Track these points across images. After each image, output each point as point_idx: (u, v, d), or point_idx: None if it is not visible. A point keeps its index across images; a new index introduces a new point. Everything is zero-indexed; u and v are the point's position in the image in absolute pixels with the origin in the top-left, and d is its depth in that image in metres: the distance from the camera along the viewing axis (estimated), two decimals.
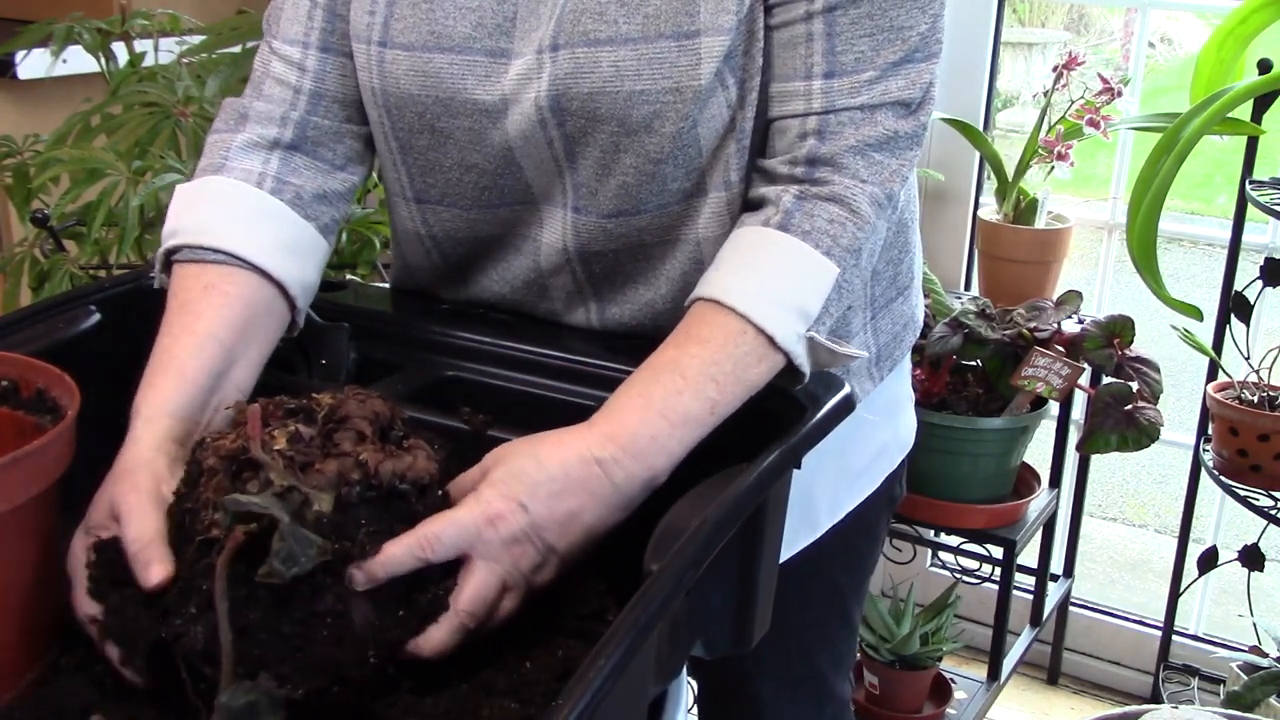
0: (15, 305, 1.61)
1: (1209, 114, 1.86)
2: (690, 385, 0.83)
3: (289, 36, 1.00)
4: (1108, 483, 3.48)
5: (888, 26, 0.91)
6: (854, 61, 0.91)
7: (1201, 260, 4.97)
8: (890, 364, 1.14)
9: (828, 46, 0.91)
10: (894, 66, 0.92)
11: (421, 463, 0.76)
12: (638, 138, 0.93)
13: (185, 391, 0.85)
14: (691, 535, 0.71)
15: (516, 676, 0.76)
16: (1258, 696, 1.90)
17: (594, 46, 0.91)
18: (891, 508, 1.25)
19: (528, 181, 0.99)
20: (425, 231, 1.06)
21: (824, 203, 0.91)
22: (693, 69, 0.91)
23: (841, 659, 1.28)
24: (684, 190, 0.97)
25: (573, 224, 0.99)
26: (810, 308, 0.88)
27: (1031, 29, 6.36)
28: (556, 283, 1.03)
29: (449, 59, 0.95)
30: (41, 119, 2.05)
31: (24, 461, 0.70)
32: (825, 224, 0.90)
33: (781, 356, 0.87)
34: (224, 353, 0.89)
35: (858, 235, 0.91)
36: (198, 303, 0.90)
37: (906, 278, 1.14)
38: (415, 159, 1.01)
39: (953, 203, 2.40)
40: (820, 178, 0.92)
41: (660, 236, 0.99)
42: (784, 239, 0.90)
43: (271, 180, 0.97)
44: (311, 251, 0.98)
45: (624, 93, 0.91)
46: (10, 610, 0.73)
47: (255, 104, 1.00)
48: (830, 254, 0.90)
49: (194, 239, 0.93)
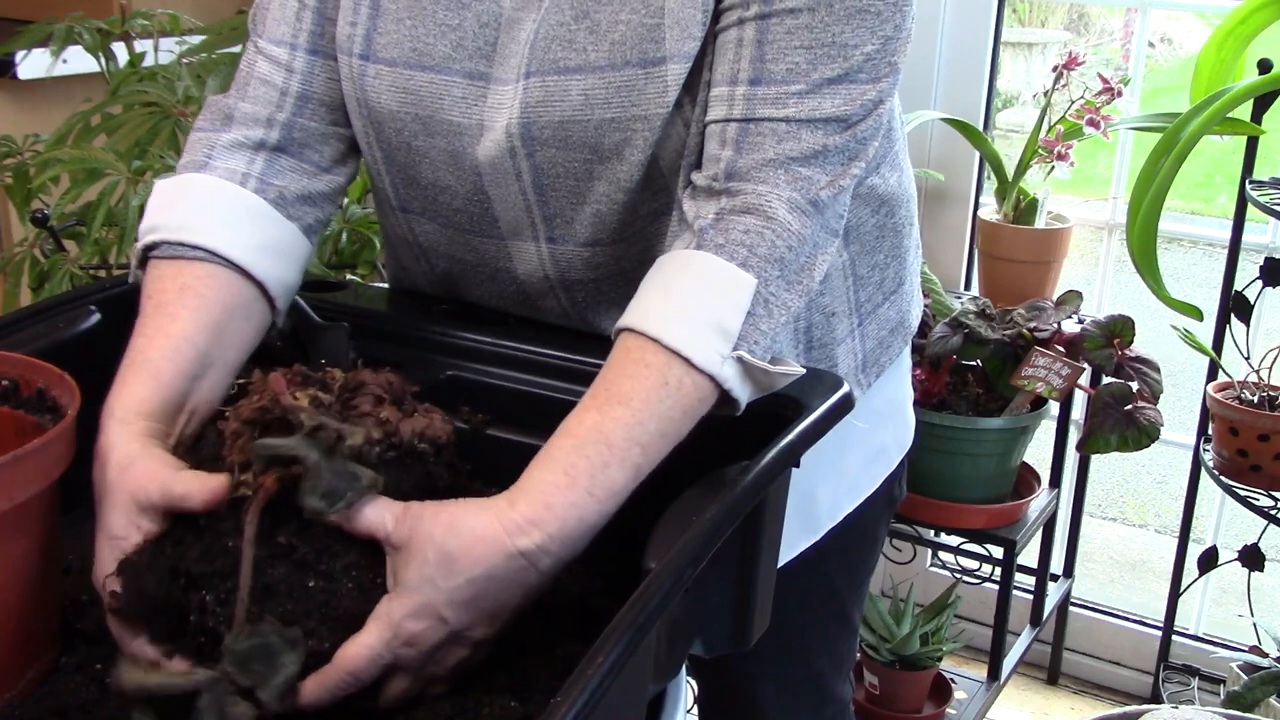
0: (15, 305, 1.61)
1: (1209, 114, 1.86)
2: (616, 455, 0.77)
3: (276, 37, 0.99)
4: (1108, 483, 3.48)
5: (828, 42, 0.87)
6: (784, 72, 0.87)
7: (1201, 260, 4.98)
8: (877, 370, 1.13)
9: (757, 53, 0.87)
10: (829, 83, 0.87)
11: (439, 423, 0.77)
12: (609, 165, 0.92)
13: (159, 394, 0.83)
14: (690, 534, 0.71)
15: (516, 675, 0.76)
16: (1258, 696, 1.90)
17: (564, 74, 0.90)
18: (891, 509, 1.25)
19: (494, 215, 0.98)
20: (413, 239, 1.06)
21: (739, 215, 0.86)
22: (660, 96, 0.89)
23: (841, 660, 1.28)
24: (654, 211, 0.96)
25: (550, 255, 0.98)
26: (729, 324, 0.82)
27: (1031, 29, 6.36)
28: (544, 306, 1.03)
29: (429, 77, 0.94)
30: (41, 119, 2.05)
31: (24, 461, 0.70)
32: (740, 235, 0.85)
33: (711, 388, 0.82)
34: (199, 357, 0.86)
35: (777, 244, 0.85)
36: (173, 304, 0.88)
37: (894, 282, 1.12)
38: (398, 171, 1.01)
39: (953, 203, 2.40)
40: (734, 189, 0.88)
41: (640, 259, 0.98)
42: (698, 257, 0.85)
43: (255, 180, 0.95)
44: (293, 252, 0.96)
45: (594, 121, 0.90)
46: (10, 610, 0.73)
47: (240, 105, 0.98)
48: (746, 265, 0.84)
49: (174, 235, 0.90)
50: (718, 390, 0.82)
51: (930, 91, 2.32)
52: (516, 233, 0.98)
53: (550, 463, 0.77)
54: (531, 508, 0.75)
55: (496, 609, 0.74)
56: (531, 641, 0.78)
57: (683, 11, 0.88)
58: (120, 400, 0.82)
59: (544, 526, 0.74)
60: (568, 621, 0.80)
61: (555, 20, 0.90)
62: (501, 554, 0.73)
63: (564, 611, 0.80)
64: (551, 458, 0.77)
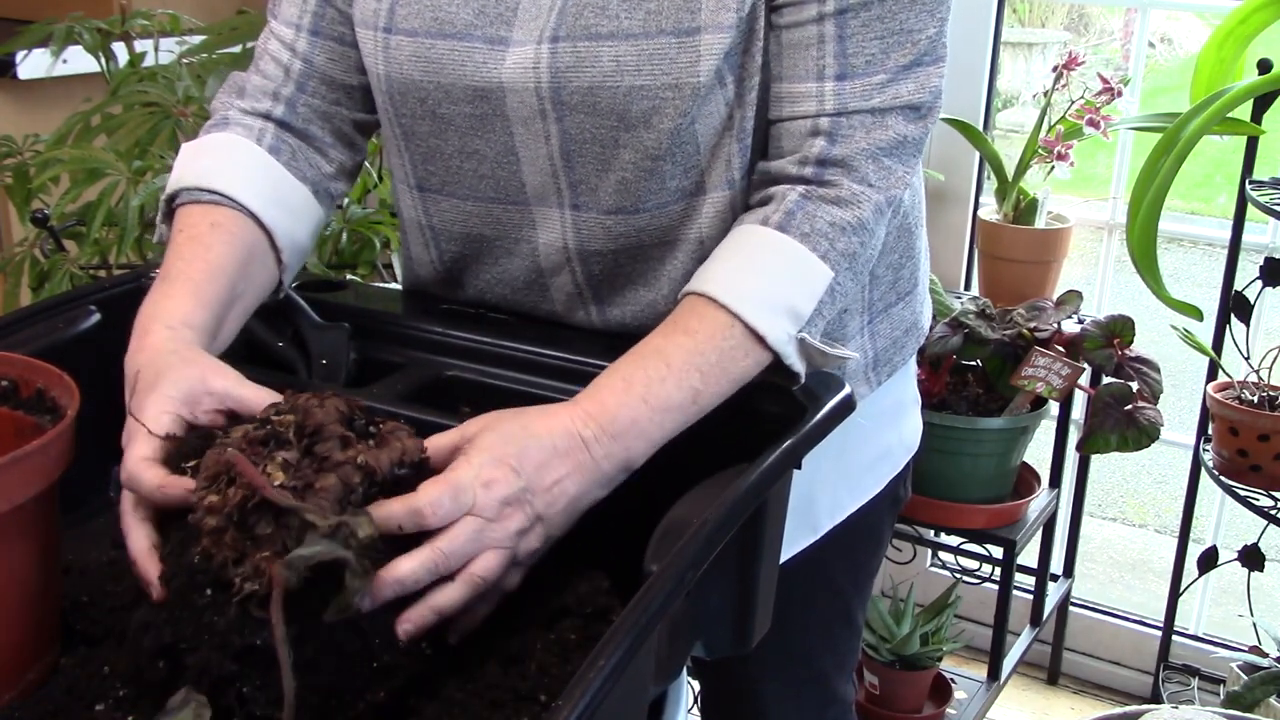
0: (15, 305, 1.61)
1: (1209, 114, 1.86)
2: (674, 373, 0.84)
3: (286, 18, 1.05)
4: (1108, 483, 3.49)
5: (898, 29, 0.92)
6: (865, 64, 0.92)
7: (1201, 260, 4.98)
8: (889, 370, 1.13)
9: (839, 49, 0.91)
10: (904, 70, 0.92)
11: (409, 443, 0.76)
12: (636, 133, 0.93)
13: (201, 312, 0.87)
14: (692, 536, 0.71)
15: (520, 674, 0.76)
16: (1258, 696, 1.90)
17: (595, 40, 0.91)
18: (895, 509, 1.24)
19: (523, 179, 0.99)
20: (426, 222, 1.07)
21: (828, 205, 0.91)
22: (692, 66, 0.91)
23: (844, 660, 1.28)
24: (684, 189, 0.97)
25: (573, 221, 0.99)
26: (802, 310, 0.89)
27: (1031, 29, 6.36)
28: (556, 283, 1.03)
29: (450, 45, 0.96)
30: (41, 119, 2.05)
31: (24, 461, 0.70)
32: (826, 226, 0.91)
33: (769, 354, 0.88)
34: (231, 287, 0.91)
35: (854, 241, 0.91)
36: (207, 236, 0.93)
37: (908, 283, 1.13)
38: (418, 145, 1.03)
39: (953, 203, 2.40)
40: (829, 179, 0.92)
41: (660, 237, 0.99)
42: (782, 240, 0.90)
43: (269, 140, 1.01)
44: (303, 210, 1.01)
45: (623, 87, 0.92)
46: (11, 610, 0.73)
47: (253, 78, 1.05)
48: (827, 258, 0.90)
49: (197, 183, 0.96)
50: (775, 362, 0.88)
51: None
52: (542, 198, 1.00)
53: (612, 372, 0.85)
54: (590, 403, 0.82)
55: (560, 483, 0.79)
56: (533, 641, 0.78)
57: None
58: (165, 309, 0.86)
59: (598, 419, 0.81)
60: (570, 622, 0.80)
61: None
62: (563, 430, 0.80)
63: (570, 611, 0.80)
64: (614, 368, 0.85)
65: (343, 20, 1.03)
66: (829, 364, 0.91)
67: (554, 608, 0.80)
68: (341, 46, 1.04)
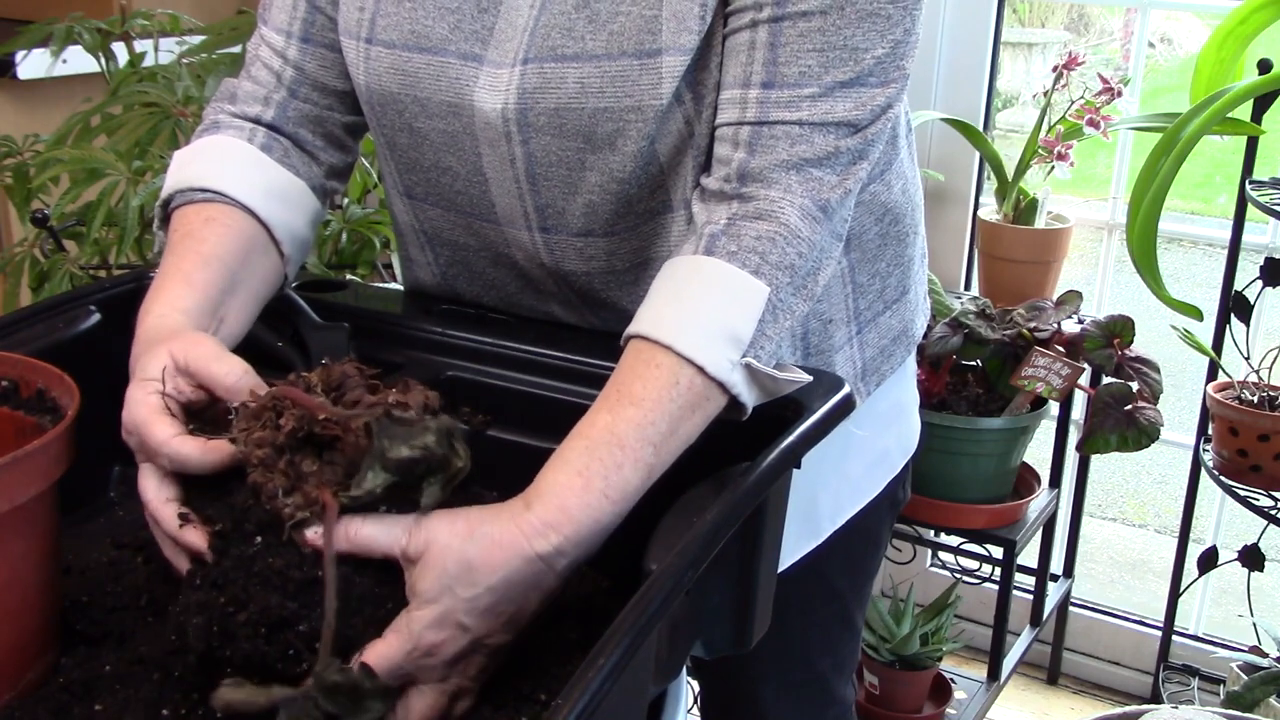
0: (15, 305, 1.61)
1: (1209, 114, 1.86)
2: (629, 455, 0.77)
3: (276, 24, 1.04)
4: (1108, 483, 3.49)
5: (840, 45, 0.87)
6: (797, 75, 0.87)
7: (1201, 260, 4.98)
8: (878, 379, 1.12)
9: (769, 56, 0.87)
10: (842, 86, 0.87)
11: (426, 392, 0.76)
12: (602, 155, 0.92)
13: (192, 297, 0.87)
14: (691, 535, 0.71)
15: (520, 676, 0.76)
16: (1258, 696, 1.90)
17: (560, 62, 0.90)
18: (894, 511, 1.24)
19: (492, 200, 0.99)
20: (419, 226, 1.08)
21: (751, 221, 0.87)
22: (654, 88, 0.89)
23: (844, 662, 1.28)
24: (650, 209, 0.96)
25: (544, 244, 0.99)
26: (742, 333, 0.83)
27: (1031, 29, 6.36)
28: (547, 290, 1.04)
29: (426, 59, 0.96)
30: (41, 119, 2.05)
31: (24, 461, 0.70)
32: (752, 241, 0.85)
33: (719, 392, 0.82)
34: (228, 273, 0.91)
35: (789, 251, 0.86)
36: (200, 231, 0.93)
37: (895, 291, 1.11)
38: (400, 155, 1.03)
39: (953, 203, 2.40)
40: (748, 194, 0.88)
41: (631, 260, 0.98)
42: (709, 263, 0.85)
43: (261, 139, 1.01)
44: (300, 202, 1.01)
45: (588, 109, 0.90)
46: (10, 610, 0.73)
47: (244, 84, 1.05)
48: (759, 273, 0.84)
49: (191, 184, 0.96)
50: (726, 395, 0.82)
51: (930, 91, 2.32)
52: (511, 221, 0.99)
53: (564, 465, 0.76)
54: (547, 511, 0.74)
55: (515, 614, 0.74)
56: (533, 642, 0.78)
57: (681, 5, 0.88)
58: (156, 302, 0.87)
59: (560, 529, 0.73)
60: (573, 622, 0.80)
61: (557, 9, 0.91)
62: (520, 559, 0.72)
63: (570, 611, 0.80)
64: (565, 460, 0.77)
65: (332, 27, 1.03)
66: (781, 390, 0.86)
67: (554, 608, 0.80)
68: (332, 53, 1.03)
